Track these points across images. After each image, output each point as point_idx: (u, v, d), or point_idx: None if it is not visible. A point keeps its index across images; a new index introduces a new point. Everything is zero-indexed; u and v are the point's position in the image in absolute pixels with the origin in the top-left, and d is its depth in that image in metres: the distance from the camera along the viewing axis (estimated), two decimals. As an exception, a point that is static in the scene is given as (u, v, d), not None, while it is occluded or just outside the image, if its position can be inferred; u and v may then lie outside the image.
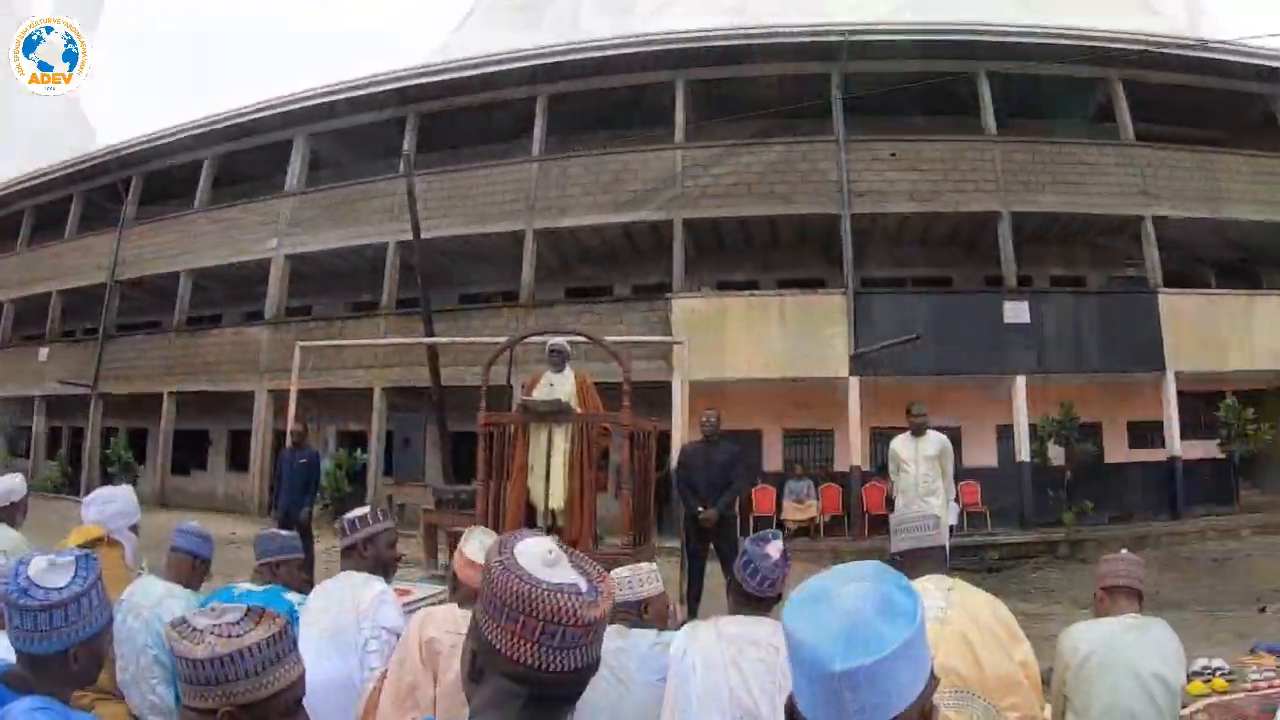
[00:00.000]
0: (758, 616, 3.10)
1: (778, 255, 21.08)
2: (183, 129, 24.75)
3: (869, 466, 17.50)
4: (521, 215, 19.92)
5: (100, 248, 26.45)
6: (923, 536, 3.49)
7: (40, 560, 2.20)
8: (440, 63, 21.01)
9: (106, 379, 25.12)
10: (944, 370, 17.44)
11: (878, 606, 1.35)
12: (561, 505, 8.03)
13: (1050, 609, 10.48)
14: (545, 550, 1.45)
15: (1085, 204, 18.66)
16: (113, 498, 5.09)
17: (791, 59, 19.47)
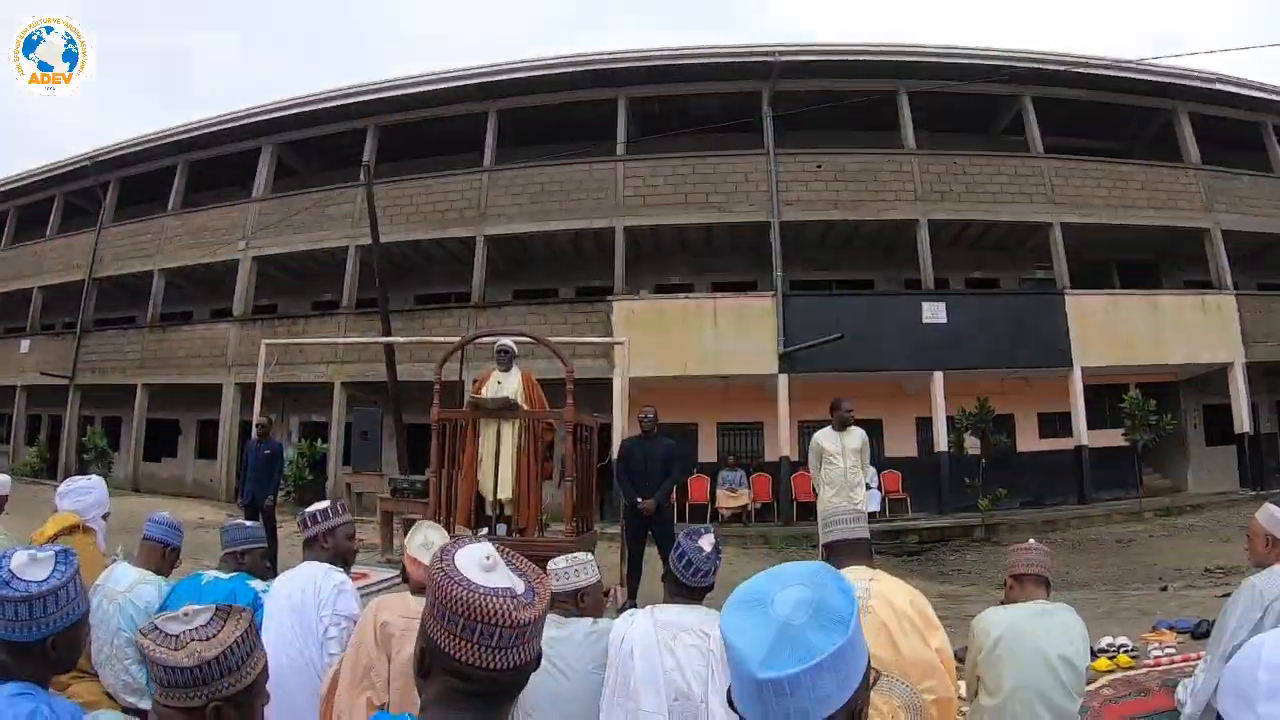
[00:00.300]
0: (691, 604, 3.14)
1: (712, 260, 21.06)
2: (157, 136, 24.39)
3: (797, 457, 17.39)
4: (473, 222, 19.78)
5: (79, 246, 26.06)
6: (849, 529, 3.44)
7: (22, 554, 2.20)
8: (397, 78, 20.73)
9: (84, 370, 24.71)
10: (867, 367, 17.45)
11: (812, 614, 1.30)
12: (509, 496, 8.15)
13: (967, 590, 10.57)
14: (483, 556, 1.46)
15: (997, 212, 18.79)
16: (89, 489, 5.11)
17: (726, 78, 19.48)
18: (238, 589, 3.68)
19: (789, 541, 14.70)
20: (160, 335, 23.42)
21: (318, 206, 21.31)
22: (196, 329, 23.30)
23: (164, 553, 4.23)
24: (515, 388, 8.44)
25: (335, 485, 19.03)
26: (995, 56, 19.10)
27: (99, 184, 25.66)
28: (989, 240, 20.22)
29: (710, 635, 2.95)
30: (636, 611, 3.23)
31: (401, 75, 20.78)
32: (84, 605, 2.29)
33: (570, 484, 8.16)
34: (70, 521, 4.78)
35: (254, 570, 4.09)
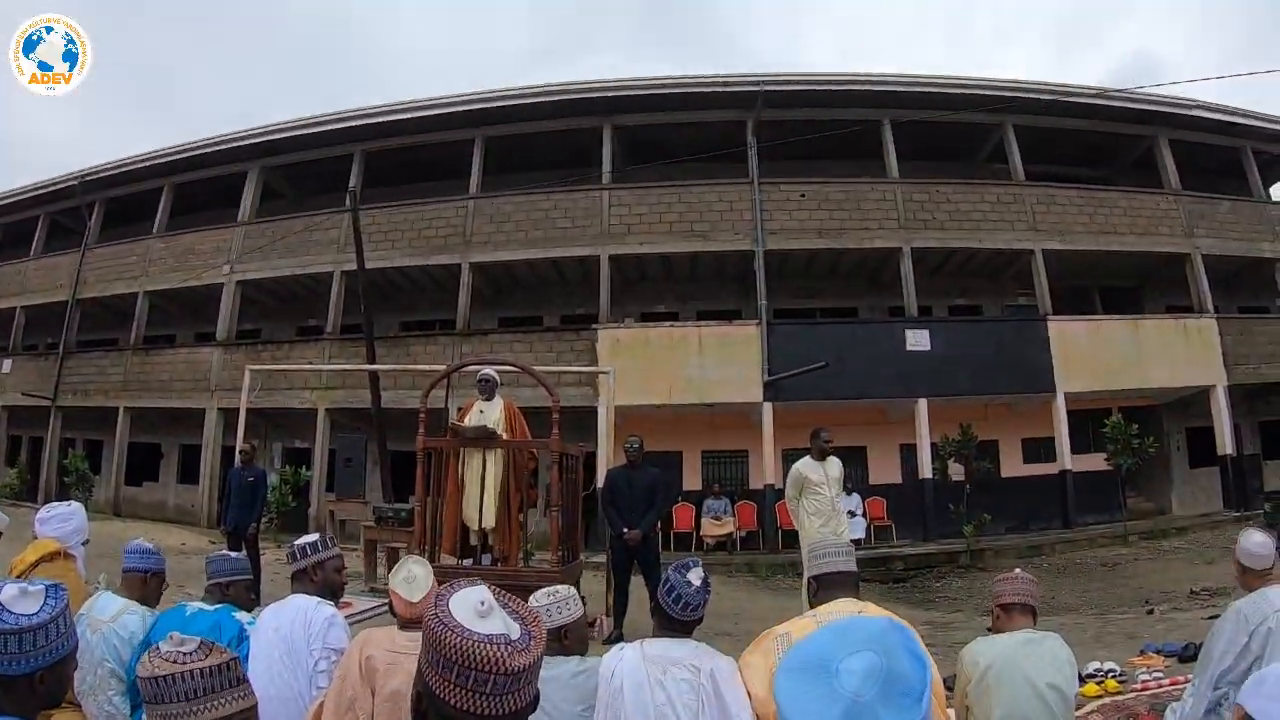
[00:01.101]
0: (681, 638, 3.06)
1: (697, 288, 21.15)
2: (144, 158, 24.36)
3: (781, 485, 17.27)
4: (458, 249, 19.80)
5: (64, 267, 25.89)
6: (837, 562, 3.36)
7: (12, 588, 2.17)
8: (384, 105, 20.72)
9: (66, 392, 24.51)
10: (851, 394, 17.47)
11: (882, 687, 1.35)
12: (492, 525, 8.10)
13: (953, 616, 10.58)
14: (478, 601, 1.45)
15: (980, 239, 18.90)
16: (69, 516, 5.02)
17: (711, 106, 19.55)
18: (223, 620, 3.69)
19: (774, 570, 14.70)
20: (143, 358, 23.28)
21: (304, 231, 21.31)
22: (180, 352, 23.17)
23: (145, 579, 4.18)
24: (497, 417, 8.42)
25: (319, 512, 18.96)
26: (978, 86, 19.32)
27: (85, 204, 25.49)
28: (972, 267, 20.31)
29: (700, 669, 2.89)
30: (625, 646, 3.16)
31: (389, 102, 20.79)
32: (73, 640, 2.28)
33: (556, 513, 8.15)
34: (51, 548, 4.74)
35: (239, 601, 4.06)
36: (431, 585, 3.39)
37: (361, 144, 21.38)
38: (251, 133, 22.41)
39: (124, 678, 3.70)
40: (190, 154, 23.41)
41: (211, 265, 22.35)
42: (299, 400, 20.16)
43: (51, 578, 4.00)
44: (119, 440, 22.94)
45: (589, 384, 17.67)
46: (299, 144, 22.13)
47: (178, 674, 1.69)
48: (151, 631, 3.73)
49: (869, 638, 1.39)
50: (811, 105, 19.37)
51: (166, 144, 24.23)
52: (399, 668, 3.09)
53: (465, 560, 8.11)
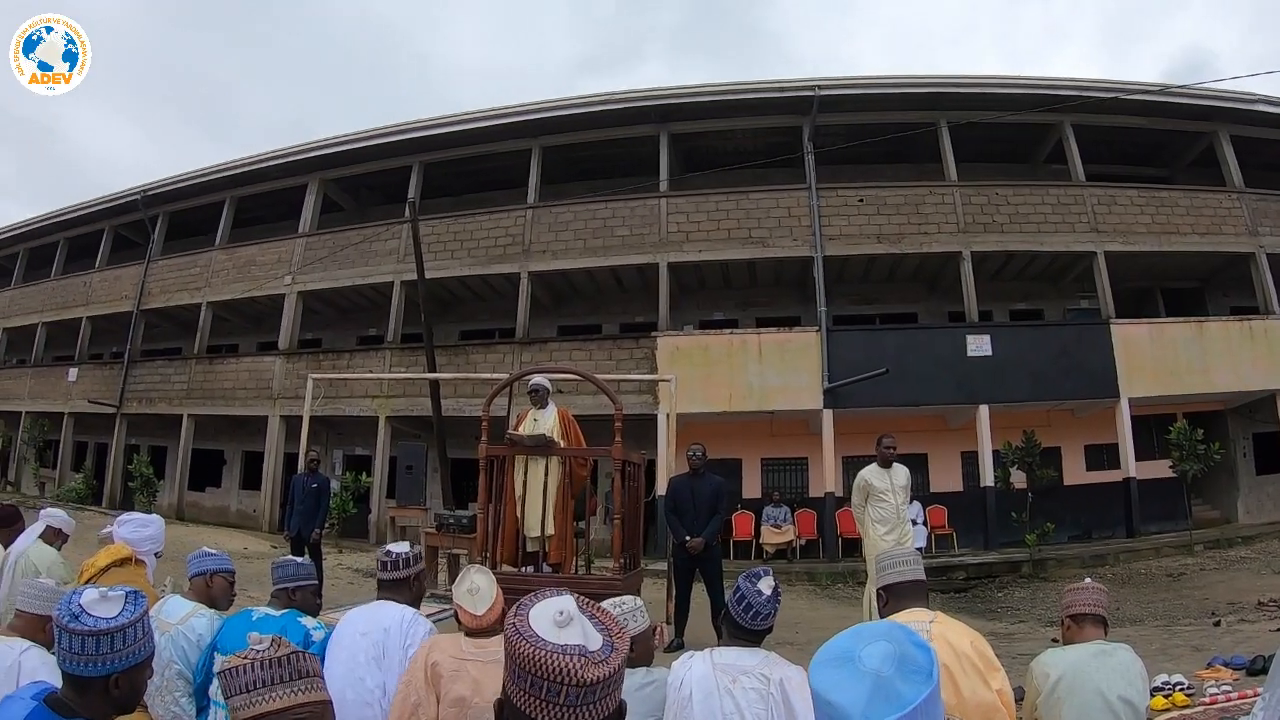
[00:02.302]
0: (750, 647, 3.07)
1: (756, 295, 21.10)
2: (206, 172, 24.82)
3: (842, 493, 17.24)
4: (517, 258, 19.87)
5: (128, 278, 26.50)
6: (906, 571, 3.41)
7: (93, 592, 2.22)
8: (442, 116, 20.93)
9: (130, 400, 25.04)
10: (911, 401, 17.34)
11: (898, 666, 1.39)
12: (550, 532, 8.10)
13: (1016, 627, 10.35)
14: (556, 611, 1.44)
15: (1040, 242, 18.55)
16: (147, 523, 5.18)
17: (767, 112, 19.48)
18: (288, 625, 3.69)
19: (834, 578, 14.62)
20: (207, 367, 23.71)
21: (363, 242, 21.57)
22: (243, 361, 23.55)
23: (208, 582, 4.24)
24: (551, 425, 8.43)
25: (379, 518, 19.20)
26: (1035, 85, 18.99)
27: (148, 218, 26.12)
28: (1033, 271, 20.06)
29: (770, 678, 2.90)
30: (695, 655, 3.15)
31: (446, 113, 20.98)
32: (150, 647, 2.32)
33: (618, 521, 8.09)
34: (123, 554, 4.86)
35: (304, 607, 4.08)
36: (496, 595, 3.42)
37: (420, 155, 21.59)
38: (311, 146, 22.74)
39: (191, 680, 3.77)
40: (251, 168, 23.81)
41: (273, 276, 22.74)
42: (360, 408, 20.39)
43: (121, 581, 4.16)
44: (183, 446, 23.34)
45: (648, 392, 17.73)
46: (358, 156, 22.40)
47: (244, 665, 1.77)
48: (219, 635, 3.78)
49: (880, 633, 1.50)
50: (867, 109, 19.20)
51: (225, 158, 24.72)
52: (464, 674, 3.15)
53: (526, 568, 8.13)
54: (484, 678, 3.12)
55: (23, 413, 28.31)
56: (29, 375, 29.25)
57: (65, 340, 28.73)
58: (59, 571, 5.38)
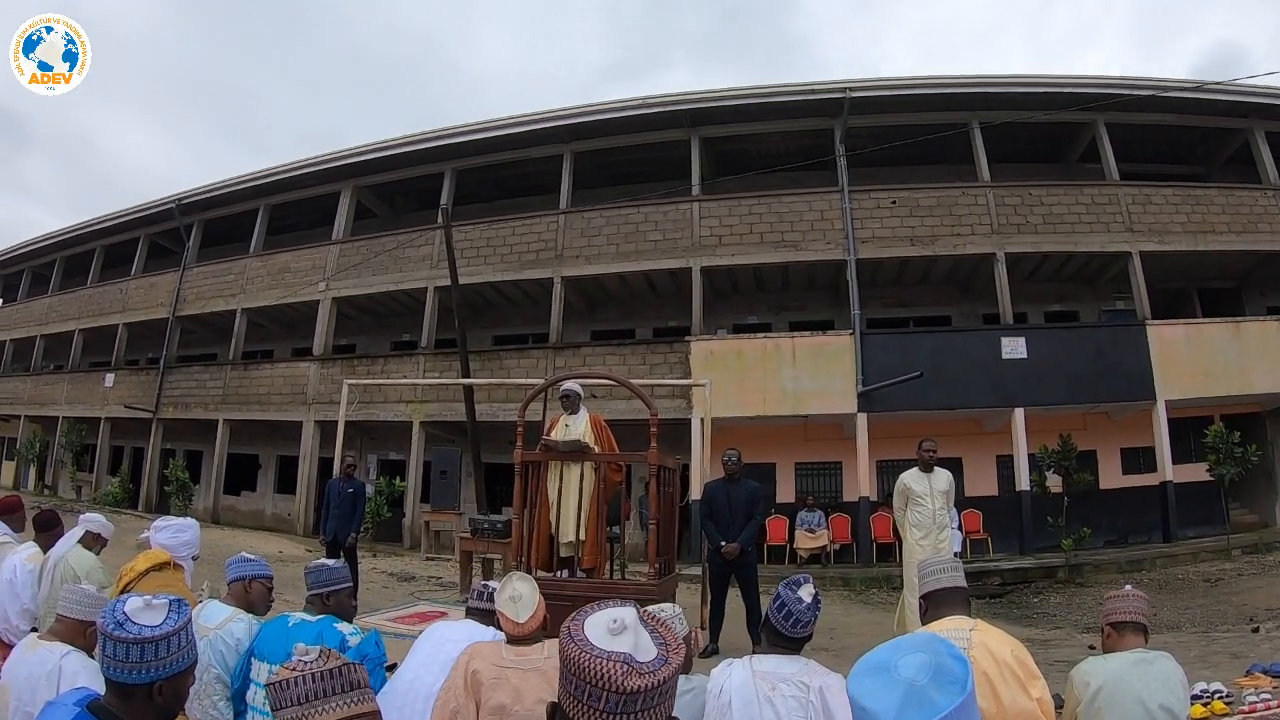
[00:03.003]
0: (790, 655, 2.99)
1: (789, 299, 21.06)
2: (240, 180, 25.16)
3: (876, 497, 17.33)
4: (550, 263, 19.94)
5: (164, 286, 26.91)
6: (946, 579, 3.37)
7: (137, 600, 2.25)
8: (475, 122, 21.02)
9: (166, 405, 25.42)
10: (946, 405, 17.23)
11: (932, 676, 1.47)
12: (583, 537, 8.07)
13: (1052, 634, 10.21)
14: (612, 619, 1.46)
15: (1075, 242, 18.35)
16: (183, 529, 5.22)
17: (797, 115, 19.40)
18: (324, 631, 3.67)
19: (868, 584, 14.58)
20: (242, 372, 24.00)
21: (397, 249, 21.75)
22: (278, 367, 23.81)
23: (246, 587, 4.24)
24: (583, 430, 8.38)
25: (413, 523, 19.35)
26: (1067, 84, 18.78)
27: (183, 226, 26.46)
28: (1067, 272, 19.88)
29: (809, 686, 2.78)
30: (734, 662, 3.10)
31: (478, 120, 21.09)
32: (193, 655, 2.34)
33: (653, 526, 8.06)
34: (161, 558, 4.90)
35: (341, 611, 4.06)
36: (538, 603, 3.41)
37: (452, 162, 21.72)
38: (344, 153, 22.91)
39: (229, 684, 3.78)
40: (285, 175, 24.12)
41: (307, 283, 22.94)
42: (394, 413, 20.57)
43: (159, 587, 4.16)
44: (218, 451, 23.67)
45: (682, 396, 17.73)
46: (391, 163, 22.57)
47: (293, 679, 1.79)
48: (256, 639, 3.79)
49: (917, 644, 1.60)
50: (898, 110, 19.11)
51: (258, 167, 24.97)
52: (504, 682, 3.14)
53: (560, 572, 8.15)
54: (524, 685, 3.12)
55: (60, 417, 28.82)
56: (66, 381, 29.71)
57: (102, 346, 29.20)
58: (98, 576, 5.39)
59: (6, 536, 6.67)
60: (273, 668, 3.34)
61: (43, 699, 2.99)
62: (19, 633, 5.47)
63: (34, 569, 5.90)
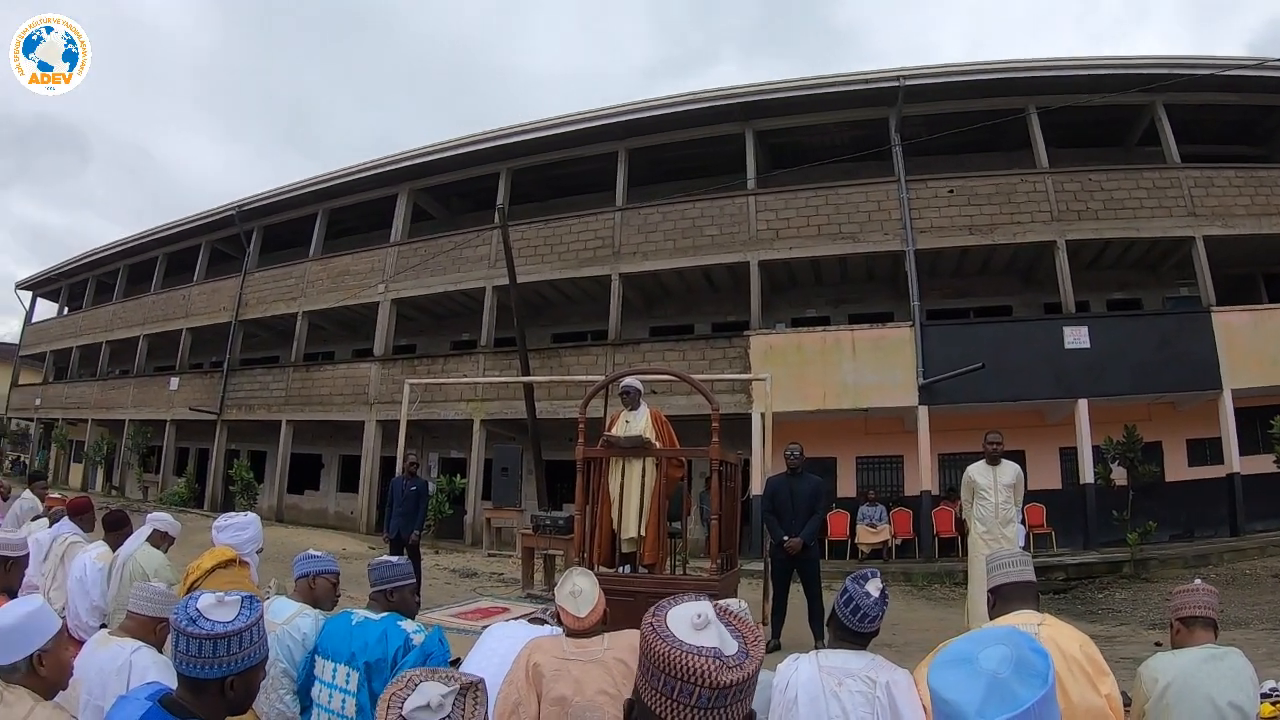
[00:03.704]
0: (856, 650, 3.06)
1: (847, 291, 20.94)
2: (298, 186, 25.61)
3: (938, 491, 17.21)
4: (608, 261, 20.03)
5: (225, 291, 27.52)
6: (1014, 572, 3.34)
7: (209, 597, 2.29)
8: (529, 122, 21.15)
9: (230, 407, 26.01)
10: (1008, 397, 16.96)
11: (1014, 668, 1.44)
12: (643, 533, 8.07)
13: (1118, 630, 10.08)
14: (694, 614, 1.45)
15: (1136, 228, 17.94)
16: (244, 526, 5.32)
17: (851, 106, 19.15)
18: (388, 629, 3.64)
19: (930, 579, 14.48)
20: (304, 374, 24.44)
21: (454, 249, 22.00)
22: (339, 368, 24.21)
23: (311, 581, 4.29)
24: (643, 425, 8.39)
25: (474, 520, 19.62)
26: (1124, 65, 18.39)
27: (243, 232, 27.07)
28: (1129, 259, 19.51)
29: (876, 681, 2.88)
30: (801, 656, 3.12)
31: (532, 120, 21.25)
32: (264, 651, 2.37)
33: (715, 522, 7.99)
34: (227, 556, 4.99)
35: (403, 608, 4.03)
36: (598, 598, 3.43)
37: (507, 162, 21.89)
38: (400, 157, 23.22)
39: (295, 678, 3.80)
40: (342, 180, 24.51)
41: (367, 285, 23.29)
42: (455, 412, 20.81)
43: (225, 584, 4.34)
44: (281, 451, 24.16)
45: (742, 391, 17.74)
46: (446, 165, 22.82)
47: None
48: (319, 637, 3.81)
49: (998, 637, 1.55)
50: (953, 97, 18.78)
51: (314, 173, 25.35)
52: (565, 674, 3.18)
53: (623, 568, 8.13)
54: (585, 677, 3.16)
55: (126, 420, 29.55)
56: (132, 385, 30.46)
57: (166, 351, 29.86)
58: (166, 574, 5.55)
59: (76, 536, 6.92)
60: (336, 666, 3.53)
61: (113, 693, 3.12)
62: (89, 629, 5.60)
63: (103, 567, 6.04)
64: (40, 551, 6.68)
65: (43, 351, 38.29)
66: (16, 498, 10.50)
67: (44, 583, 6.64)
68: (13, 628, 2.59)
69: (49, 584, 6.65)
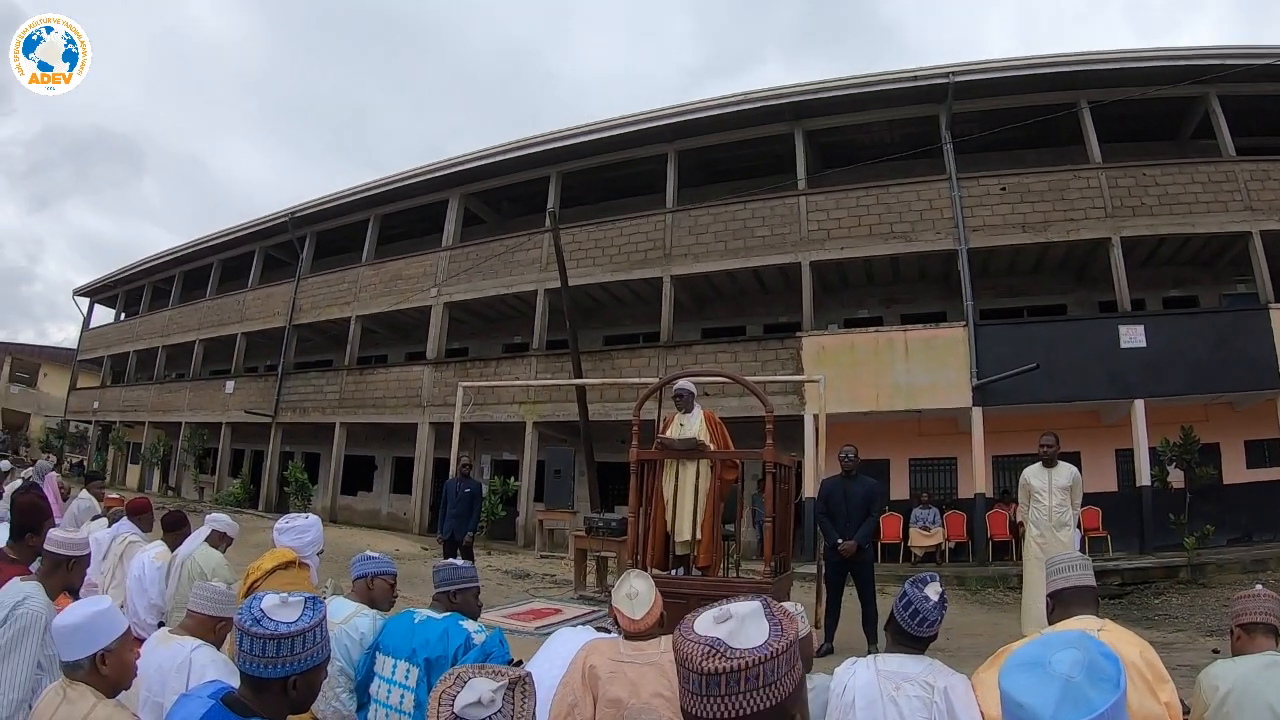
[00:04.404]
0: (914, 654, 3.06)
1: (899, 291, 20.80)
2: (351, 192, 25.98)
3: (992, 493, 17.06)
4: (659, 263, 20.08)
5: (279, 296, 28.03)
6: (1074, 576, 3.32)
7: (273, 597, 2.30)
8: (579, 125, 21.27)
9: (285, 409, 26.42)
10: (1063, 397, 16.74)
11: (1087, 673, 1.46)
12: (697, 535, 8.11)
13: (1174, 636, 9.90)
14: (724, 610, 1.47)
15: (1192, 224, 17.56)
16: (306, 528, 5.33)
17: (901, 103, 19.05)
18: (450, 628, 3.69)
19: (984, 583, 14.31)
20: (357, 377, 24.79)
21: (505, 253, 22.19)
22: (392, 371, 24.52)
23: (370, 582, 4.35)
24: (697, 428, 8.43)
25: (527, 522, 19.80)
26: (1177, 56, 17.99)
27: (296, 238, 27.57)
28: (1184, 255, 19.15)
29: (934, 687, 2.87)
30: (858, 660, 3.13)
31: (581, 123, 21.39)
32: (326, 651, 2.38)
33: (768, 524, 8.01)
34: (287, 557, 5.04)
35: (466, 609, 4.09)
36: (654, 600, 3.44)
37: (556, 166, 22.06)
38: (451, 162, 23.47)
39: (353, 676, 3.86)
40: (394, 186, 24.83)
41: (419, 289, 23.59)
42: (507, 414, 21.01)
43: (285, 584, 4.42)
44: (335, 453, 24.55)
45: (794, 393, 17.71)
46: (497, 170, 23.02)
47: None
48: (380, 634, 3.85)
49: (1068, 641, 1.56)
50: (1003, 93, 18.54)
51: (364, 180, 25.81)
52: (621, 676, 3.17)
53: (676, 570, 8.17)
54: (641, 680, 3.14)
55: (182, 423, 30.16)
56: (188, 389, 31.06)
57: (221, 355, 30.51)
58: (223, 574, 5.67)
59: (135, 535, 7.09)
60: (397, 662, 3.60)
61: (173, 690, 3.22)
62: (147, 627, 5.75)
63: (161, 566, 6.20)
64: (99, 551, 6.81)
65: (100, 356, 39.23)
66: (75, 498, 10.72)
67: (102, 581, 6.81)
68: (77, 627, 2.70)
69: (107, 582, 6.81)
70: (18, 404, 48.54)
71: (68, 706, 2.61)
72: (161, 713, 3.16)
